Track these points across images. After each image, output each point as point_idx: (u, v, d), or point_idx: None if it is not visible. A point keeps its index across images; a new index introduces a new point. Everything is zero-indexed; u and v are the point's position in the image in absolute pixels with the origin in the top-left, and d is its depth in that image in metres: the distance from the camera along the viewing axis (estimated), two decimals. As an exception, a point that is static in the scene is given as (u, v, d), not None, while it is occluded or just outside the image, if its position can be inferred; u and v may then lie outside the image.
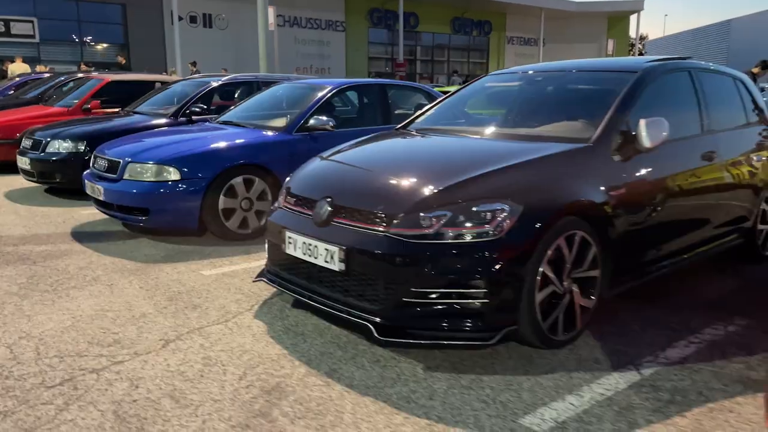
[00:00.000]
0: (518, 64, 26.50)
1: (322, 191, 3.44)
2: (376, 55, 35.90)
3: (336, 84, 6.45)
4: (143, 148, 5.60)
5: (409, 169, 3.45)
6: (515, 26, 39.95)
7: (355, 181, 3.44)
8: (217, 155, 5.47)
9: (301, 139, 5.94)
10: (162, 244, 5.43)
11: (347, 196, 3.32)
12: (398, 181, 3.31)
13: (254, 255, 5.14)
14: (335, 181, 3.54)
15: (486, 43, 40.00)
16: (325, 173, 3.72)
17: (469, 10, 37.32)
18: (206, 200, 5.33)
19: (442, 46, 38.42)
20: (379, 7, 34.48)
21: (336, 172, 3.66)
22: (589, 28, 40.85)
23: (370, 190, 3.31)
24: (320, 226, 3.31)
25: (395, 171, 3.46)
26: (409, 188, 3.19)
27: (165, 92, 9.12)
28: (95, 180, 5.68)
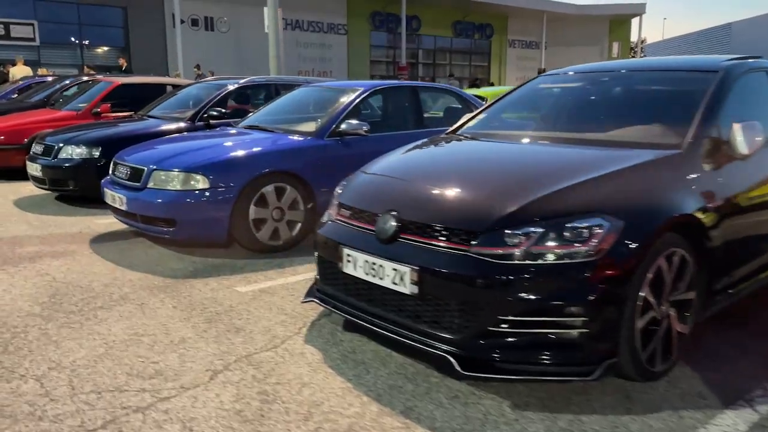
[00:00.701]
0: (520, 68, 26.37)
1: (385, 204, 3.09)
2: (378, 58, 35.63)
3: (368, 86, 6.11)
4: (168, 154, 5.25)
5: (485, 180, 3.11)
6: (517, 29, 39.72)
7: (424, 193, 3.09)
8: (248, 162, 5.13)
9: (332, 144, 5.60)
10: (188, 257, 5.08)
11: (416, 209, 2.97)
12: (476, 192, 2.96)
13: (289, 269, 4.79)
14: (399, 193, 3.19)
15: (488, 46, 39.74)
16: (384, 184, 3.36)
17: (470, 14, 37.07)
18: (236, 210, 4.98)
19: (443, 49, 38.17)
20: (381, 11, 34.21)
21: (398, 183, 3.30)
22: (590, 31, 40.64)
23: (443, 203, 2.96)
24: (385, 243, 2.97)
25: (469, 181, 3.11)
26: (490, 201, 2.84)
27: (179, 96, 8.78)
28: (116, 188, 5.32)
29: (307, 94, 6.88)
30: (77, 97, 10.42)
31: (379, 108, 6.40)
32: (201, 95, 8.36)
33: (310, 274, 4.66)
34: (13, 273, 4.60)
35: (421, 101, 6.40)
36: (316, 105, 6.44)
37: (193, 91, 8.67)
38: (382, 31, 34.88)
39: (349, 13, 33.35)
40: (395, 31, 34.37)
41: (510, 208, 2.74)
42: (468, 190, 3.01)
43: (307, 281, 4.44)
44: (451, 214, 2.85)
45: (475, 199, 2.90)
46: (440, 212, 2.89)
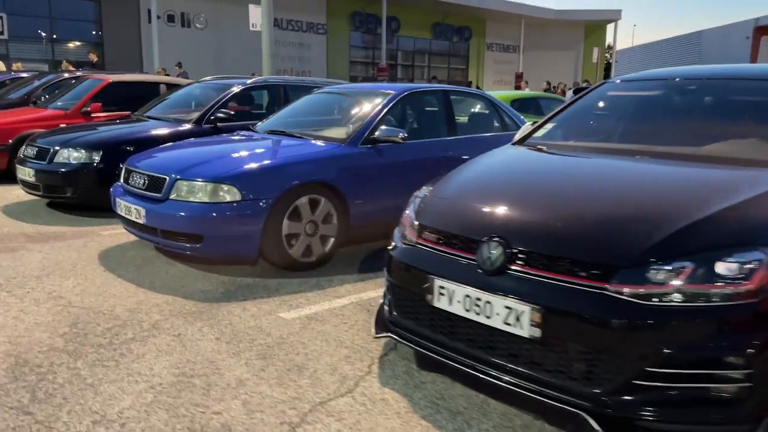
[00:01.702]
0: (497, 71, 26.21)
1: (487, 229, 2.68)
2: (357, 59, 35.25)
3: (399, 90, 5.69)
4: (191, 162, 4.76)
5: (609, 203, 2.71)
6: (495, 33, 39.71)
7: (539, 218, 2.68)
8: (281, 172, 4.67)
9: (366, 152, 5.17)
10: (213, 276, 4.61)
11: (532, 237, 2.57)
12: (606, 219, 2.57)
13: (330, 290, 4.36)
14: (504, 217, 2.77)
15: (466, 49, 39.64)
16: (480, 205, 2.93)
17: (449, 16, 36.91)
18: (268, 225, 4.53)
19: (422, 51, 37.95)
20: (361, 11, 33.84)
21: (498, 204, 2.88)
22: (566, 36, 40.87)
23: (567, 230, 2.56)
24: (491, 276, 2.56)
25: (591, 205, 2.72)
26: (629, 230, 2.45)
27: (178, 95, 8.25)
28: (131, 199, 4.81)
29: (330, 97, 6.43)
30: (63, 94, 9.80)
31: (410, 113, 5.99)
32: (205, 96, 7.86)
33: (354, 296, 4.24)
34: (22, 296, 4.08)
35: (452, 106, 6.01)
36: (342, 109, 5.99)
37: (196, 91, 8.16)
38: (361, 32, 34.50)
39: (328, 13, 32.90)
40: (374, 32, 34.02)
41: (655, 239, 2.35)
42: (594, 215, 2.61)
43: (355, 306, 4.02)
44: (581, 245, 2.45)
45: (608, 226, 2.50)
46: (566, 242, 2.49)
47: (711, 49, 55.30)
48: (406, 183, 5.38)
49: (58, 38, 26.12)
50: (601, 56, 39.97)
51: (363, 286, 4.47)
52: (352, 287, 4.44)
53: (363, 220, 5.13)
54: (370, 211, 5.14)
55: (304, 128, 5.73)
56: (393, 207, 5.32)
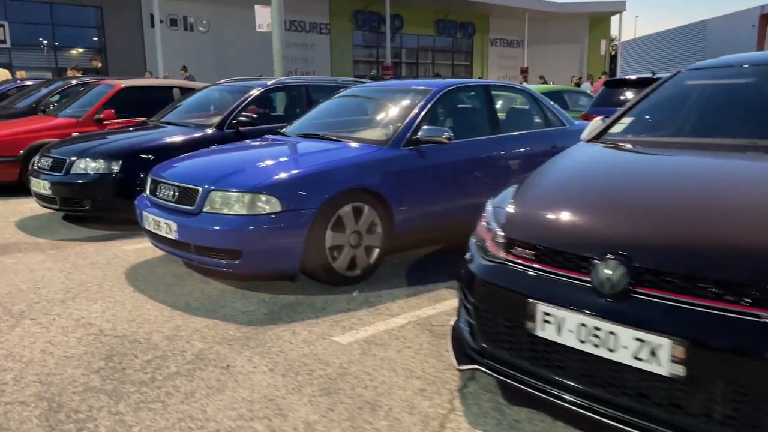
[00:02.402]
0: (502, 67, 25.82)
1: (602, 244, 2.28)
2: (361, 58, 34.92)
3: (439, 86, 5.30)
4: (225, 171, 4.37)
5: (748, 210, 2.31)
6: (498, 28, 39.34)
7: (667, 228, 2.27)
8: (323, 179, 4.29)
9: (409, 154, 4.78)
10: (253, 294, 4.23)
11: (660, 253, 2.17)
12: (748, 229, 2.17)
13: (381, 308, 3.97)
14: (623, 228, 2.36)
15: (470, 45, 39.29)
16: (588, 213, 2.53)
17: (452, 12, 36.52)
18: (310, 237, 4.14)
19: (426, 48, 37.61)
20: (363, 9, 33.49)
21: (611, 213, 2.48)
22: (570, 30, 40.43)
23: (705, 243, 2.15)
24: (613, 301, 2.17)
25: (726, 212, 2.32)
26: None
27: (195, 100, 7.87)
28: (160, 212, 4.43)
29: (362, 96, 6.04)
30: (72, 102, 9.43)
31: (451, 111, 5.60)
32: (223, 99, 7.48)
33: (410, 314, 3.85)
34: (47, 323, 3.70)
35: (494, 102, 5.61)
36: (378, 109, 5.59)
37: (213, 94, 7.78)
38: (364, 31, 34.17)
39: (331, 12, 32.54)
40: (377, 30, 33.69)
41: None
42: (738, 225, 2.21)
43: (414, 326, 3.64)
44: (727, 262, 2.05)
45: (760, 238, 2.10)
46: (708, 258, 2.09)
47: (716, 39, 54.75)
48: (451, 186, 5.03)
49: (60, 45, 25.88)
50: (608, 48, 39.51)
51: (417, 302, 4.08)
52: (405, 303, 4.06)
53: (407, 228, 4.75)
54: (414, 217, 4.76)
55: (338, 130, 5.34)
56: (438, 212, 4.97)
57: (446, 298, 4.17)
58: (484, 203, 5.23)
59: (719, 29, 54.98)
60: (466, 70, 39.16)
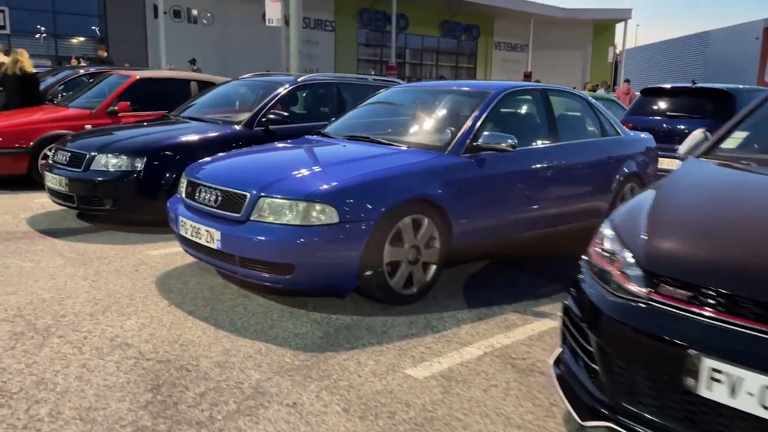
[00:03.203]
0: (505, 71, 25.52)
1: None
2: (365, 56, 34.54)
3: (498, 88, 4.90)
4: (274, 175, 3.95)
5: None
6: (502, 31, 39.08)
7: None
8: (382, 187, 3.89)
9: (468, 162, 4.39)
10: (301, 313, 3.82)
11: None
12: None
13: (448, 334, 3.58)
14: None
15: (474, 47, 39.00)
16: (762, 247, 2.14)
17: (457, 14, 36.20)
18: (368, 251, 3.74)
19: (430, 49, 37.28)
20: (369, 7, 33.12)
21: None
22: (574, 36, 40.18)
23: None
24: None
25: None
26: None
27: (218, 94, 7.46)
28: (199, 218, 4.01)
29: (410, 96, 5.64)
30: (83, 92, 8.98)
31: (509, 116, 5.20)
32: (250, 95, 7.08)
33: (483, 342, 3.47)
34: (78, 342, 3.28)
35: (552, 108, 5.22)
36: (430, 111, 5.18)
37: (239, 89, 7.37)
38: (369, 29, 33.81)
39: (336, 10, 32.14)
40: (382, 29, 33.32)
41: None
42: None
43: (493, 358, 3.25)
44: None
45: None
46: None
47: (718, 50, 54.68)
48: (512, 198, 4.65)
49: (60, 33, 25.40)
50: (615, 55, 39.27)
51: (485, 328, 3.69)
52: (473, 329, 3.66)
53: (466, 242, 4.36)
54: (474, 231, 4.38)
55: (387, 133, 4.94)
56: (499, 226, 4.58)
57: (516, 324, 3.78)
58: (546, 216, 4.91)
59: (722, 41, 54.89)
60: (469, 72, 38.84)
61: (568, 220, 5.15)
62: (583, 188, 5.23)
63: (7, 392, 2.72)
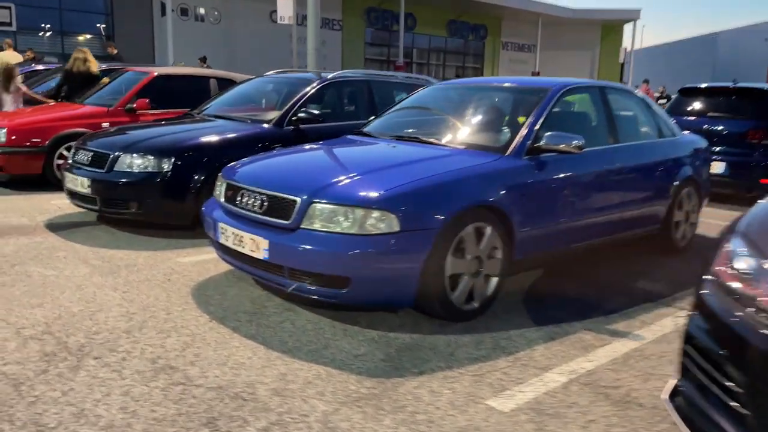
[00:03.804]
0: (512, 71, 25.31)
1: None
2: (373, 56, 34.22)
3: (558, 84, 4.55)
4: (325, 178, 3.60)
5: None
6: (510, 32, 38.77)
7: None
8: (445, 193, 3.55)
9: (530, 165, 4.05)
10: (356, 330, 3.48)
11: None
12: None
13: (522, 356, 3.24)
14: None
15: (481, 47, 38.68)
16: None
17: (465, 13, 35.88)
18: (429, 262, 3.40)
19: (437, 49, 36.97)
20: (377, 6, 32.80)
21: None
22: (582, 36, 39.85)
23: None
24: None
25: None
26: None
27: (242, 92, 7.14)
28: (242, 225, 3.67)
29: (455, 93, 5.29)
30: (99, 89, 8.63)
31: (568, 115, 4.85)
32: (277, 92, 6.77)
33: (564, 367, 3.13)
34: (117, 365, 2.94)
35: (611, 107, 4.87)
36: (479, 109, 4.84)
37: (267, 86, 7.04)
38: (377, 28, 33.50)
39: (344, 8, 31.81)
40: (390, 28, 33.01)
41: None
42: None
43: (580, 387, 2.91)
44: None
45: None
46: None
47: (727, 52, 54.39)
48: (573, 203, 4.30)
49: (66, 31, 25.13)
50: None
51: (561, 350, 3.34)
52: (547, 350, 3.32)
53: (528, 252, 4.02)
54: (535, 240, 4.04)
55: (437, 133, 4.59)
56: (560, 233, 4.23)
57: (593, 344, 3.43)
58: (607, 223, 4.57)
59: (730, 42, 54.62)
60: (476, 73, 38.51)
61: (628, 227, 4.81)
62: (643, 193, 4.89)
63: (44, 427, 2.39)
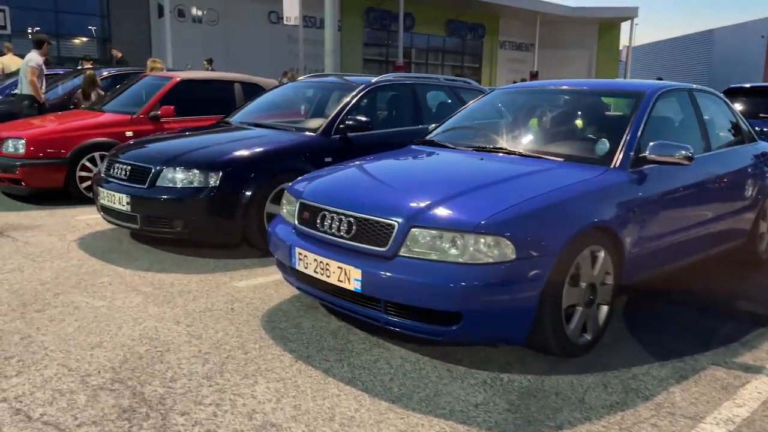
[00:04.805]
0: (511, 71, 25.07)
1: None
2: (371, 56, 33.89)
3: (652, 87, 4.14)
4: (424, 199, 3.16)
5: None
6: (508, 31, 38.56)
7: None
8: (560, 213, 3.15)
9: (636, 179, 3.65)
10: (460, 371, 3.07)
11: None
12: None
13: (660, 400, 2.84)
14: None
15: (479, 47, 38.45)
16: None
17: (463, 13, 35.60)
18: (547, 293, 3.00)
19: (436, 49, 36.69)
20: (376, 6, 32.47)
21: None
22: (580, 35, 39.69)
23: None
24: None
25: None
26: None
27: (276, 98, 6.72)
28: (325, 251, 3.24)
29: (524, 97, 4.88)
30: (116, 95, 8.18)
31: (662, 121, 4.46)
32: (321, 98, 6.33)
33: (716, 415, 2.75)
34: (211, 424, 2.51)
35: (702, 110, 4.48)
36: (561, 115, 4.45)
37: (307, 92, 6.62)
38: (375, 29, 33.16)
39: (343, 8, 31.36)
40: (388, 28, 32.68)
41: None
42: None
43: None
44: None
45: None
46: None
47: (723, 49, 54.19)
48: (678, 218, 3.91)
49: (63, 34, 24.66)
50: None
51: (701, 392, 2.94)
52: (685, 392, 2.92)
53: (634, 275, 3.64)
54: (642, 261, 3.65)
55: (523, 143, 4.19)
56: (664, 252, 3.83)
57: (731, 383, 3.04)
58: (705, 238, 4.17)
59: (726, 39, 54.43)
60: (474, 72, 38.20)
61: (720, 242, 4.43)
62: (735, 203, 4.51)
63: None
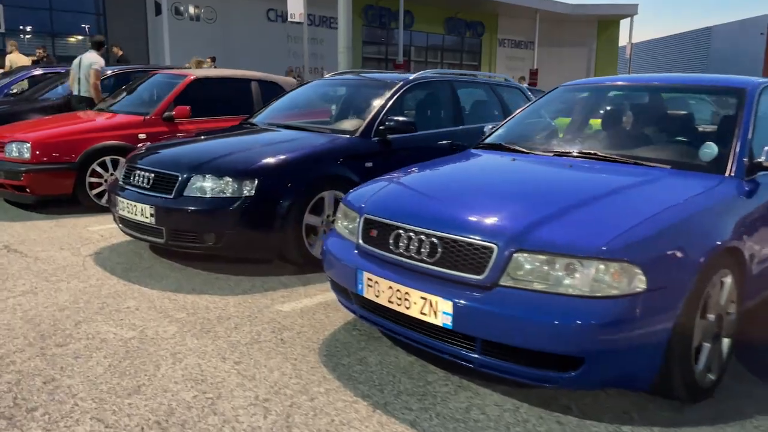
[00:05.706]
0: (510, 68, 24.73)
1: None
2: (370, 55, 33.47)
3: (753, 84, 3.63)
4: (525, 217, 2.64)
5: None
6: (507, 28, 38.21)
7: None
8: (688, 233, 2.64)
9: (752, 189, 3.15)
10: (572, 424, 2.57)
11: None
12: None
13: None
14: None
15: (478, 45, 38.12)
16: None
17: (462, 10, 35.24)
18: (678, 328, 2.49)
19: (435, 46, 36.33)
20: (374, 4, 32.06)
21: None
22: (578, 33, 39.40)
23: None
24: None
25: None
26: None
27: (300, 97, 6.19)
28: (403, 278, 2.72)
29: (597, 96, 4.37)
30: (124, 95, 7.63)
31: (759, 121, 3.98)
32: (355, 98, 5.80)
33: None
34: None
35: None
36: (649, 115, 3.95)
37: (338, 90, 6.10)
38: (374, 26, 32.75)
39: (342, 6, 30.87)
40: (387, 26, 32.28)
41: None
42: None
43: None
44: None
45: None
46: None
47: (721, 46, 53.97)
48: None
49: (58, 32, 24.16)
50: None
51: None
52: None
53: (750, 301, 3.13)
54: (758, 285, 3.15)
55: (616, 147, 3.68)
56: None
57: None
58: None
59: (725, 36, 54.22)
60: (474, 70, 37.86)
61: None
62: None
63: None
